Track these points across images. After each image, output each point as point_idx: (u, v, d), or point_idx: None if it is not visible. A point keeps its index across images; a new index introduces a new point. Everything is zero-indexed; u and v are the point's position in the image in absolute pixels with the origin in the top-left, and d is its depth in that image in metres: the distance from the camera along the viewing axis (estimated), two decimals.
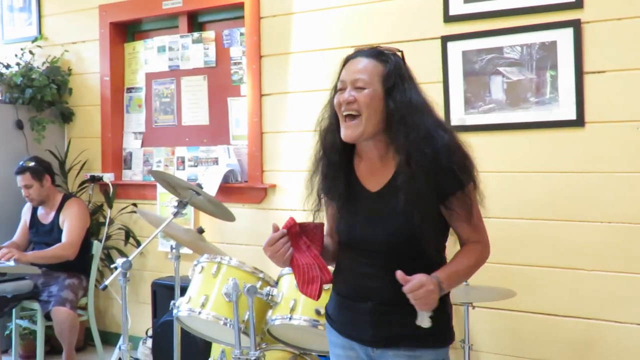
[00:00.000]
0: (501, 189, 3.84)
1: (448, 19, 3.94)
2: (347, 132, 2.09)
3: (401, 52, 2.17)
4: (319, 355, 3.24)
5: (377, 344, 2.09)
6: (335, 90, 2.15)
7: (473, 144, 3.85)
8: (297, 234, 2.12)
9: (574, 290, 3.65)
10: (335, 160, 2.17)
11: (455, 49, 3.92)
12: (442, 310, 2.05)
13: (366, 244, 2.08)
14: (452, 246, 2.17)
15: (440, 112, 2.30)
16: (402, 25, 4.10)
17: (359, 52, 2.15)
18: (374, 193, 2.11)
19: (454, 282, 2.03)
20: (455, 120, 3.93)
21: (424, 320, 1.97)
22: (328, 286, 2.23)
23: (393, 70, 2.09)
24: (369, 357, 2.14)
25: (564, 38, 3.62)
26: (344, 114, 2.09)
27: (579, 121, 3.60)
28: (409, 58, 3.86)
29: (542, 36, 3.68)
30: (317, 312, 2.87)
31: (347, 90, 2.08)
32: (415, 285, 1.90)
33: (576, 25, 3.58)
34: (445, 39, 3.95)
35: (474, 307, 3.20)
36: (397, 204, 2.01)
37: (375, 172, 2.13)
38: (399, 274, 1.92)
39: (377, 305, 2.07)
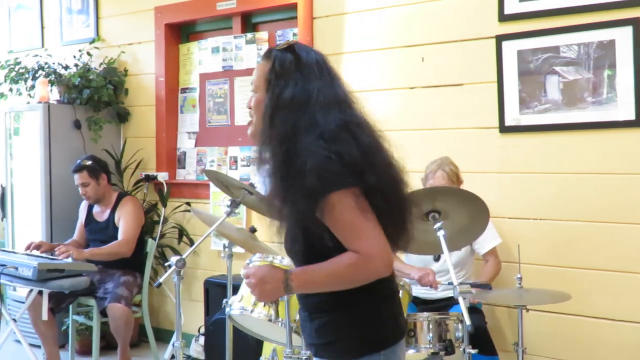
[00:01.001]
0: (556, 190, 3.78)
1: (503, 18, 3.89)
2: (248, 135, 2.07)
3: (294, 43, 2.02)
4: None
5: (309, 349, 2.12)
6: None
7: (528, 144, 3.82)
8: None
9: (630, 294, 3.57)
10: None
11: (510, 49, 3.86)
12: (335, 319, 1.94)
13: (287, 253, 2.05)
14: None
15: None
16: (456, 24, 4.06)
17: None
18: None
19: (309, 284, 1.90)
20: (509, 121, 3.88)
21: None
22: None
23: (272, 67, 1.97)
24: None
25: (622, 36, 3.55)
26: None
27: (638, 121, 3.51)
28: (463, 58, 3.84)
29: (600, 35, 3.61)
30: None
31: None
32: (249, 273, 1.93)
33: (635, 23, 3.50)
34: (500, 39, 3.89)
35: (527, 310, 3.14)
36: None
37: None
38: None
39: (299, 310, 2.10)
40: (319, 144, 1.85)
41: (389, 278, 1.96)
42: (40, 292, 4.21)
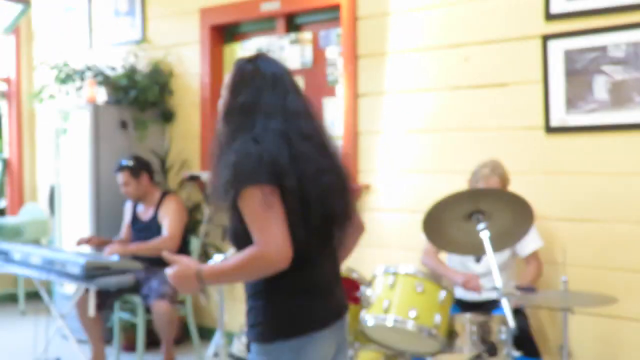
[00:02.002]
0: (602, 192, 3.72)
1: (549, 17, 3.84)
2: None
3: (259, 55, 2.24)
4: (412, 357, 3.22)
5: None
6: None
7: (575, 145, 3.77)
8: None
9: None
10: None
11: (557, 48, 3.82)
12: (258, 306, 2.14)
13: None
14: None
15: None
16: (502, 24, 4.03)
17: None
18: None
19: (217, 278, 2.14)
20: (556, 121, 3.84)
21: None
22: None
23: (234, 76, 2.21)
24: None
25: None
26: None
27: None
28: (508, 57, 3.81)
29: None
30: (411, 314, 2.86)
31: None
32: (171, 275, 2.11)
33: None
34: (546, 38, 3.85)
35: (573, 313, 3.10)
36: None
37: None
38: (164, 253, 2.18)
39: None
40: (247, 144, 2.06)
41: (313, 273, 2.15)
42: (87, 289, 4.29)
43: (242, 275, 2.10)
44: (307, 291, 2.15)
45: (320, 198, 2.10)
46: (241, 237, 2.10)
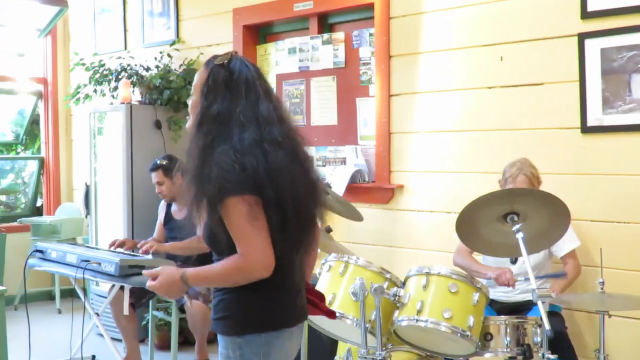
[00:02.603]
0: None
1: (586, 15, 3.79)
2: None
3: (231, 58, 2.27)
4: (445, 358, 3.20)
5: None
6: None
7: (612, 145, 3.71)
8: None
9: None
10: None
11: (593, 47, 3.76)
12: (230, 301, 2.21)
13: None
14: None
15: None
16: (537, 22, 3.98)
17: None
18: None
19: (201, 282, 2.29)
20: (592, 121, 3.78)
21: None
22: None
23: (207, 80, 2.24)
24: None
25: None
26: None
27: None
28: (544, 56, 3.77)
29: None
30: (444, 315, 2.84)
31: None
32: (154, 274, 2.24)
33: None
34: (582, 36, 3.80)
35: (610, 316, 3.05)
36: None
37: None
38: (144, 271, 2.29)
39: None
40: (228, 155, 2.10)
41: (284, 273, 2.22)
42: (121, 288, 4.32)
43: (224, 282, 2.19)
44: (279, 289, 2.23)
45: (295, 207, 2.17)
46: (219, 241, 2.17)
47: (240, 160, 2.10)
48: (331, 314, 2.56)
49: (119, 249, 4.64)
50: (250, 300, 2.20)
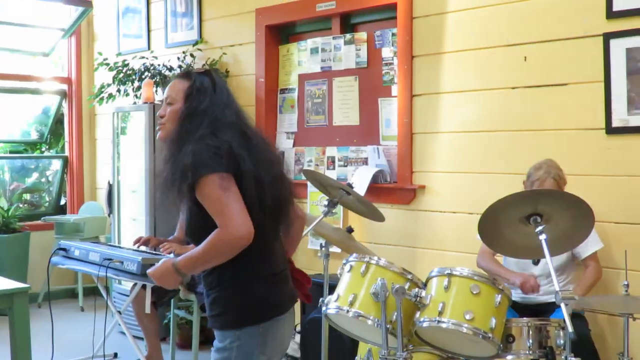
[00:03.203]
0: None
1: (611, 15, 3.75)
2: (159, 135, 2.54)
3: (209, 69, 2.66)
4: None
5: None
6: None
7: (637, 146, 3.67)
8: None
9: None
10: None
11: (619, 47, 3.72)
12: (222, 295, 2.35)
13: None
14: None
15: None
16: (561, 22, 3.95)
17: (175, 76, 2.64)
18: None
19: (192, 264, 2.31)
20: (617, 122, 3.74)
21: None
22: None
23: (193, 84, 2.44)
24: None
25: None
26: (158, 124, 2.52)
27: None
28: (568, 56, 3.74)
29: None
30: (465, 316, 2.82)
31: (163, 106, 2.51)
32: (150, 271, 2.35)
33: None
34: (607, 36, 3.76)
35: (634, 319, 3.02)
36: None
37: None
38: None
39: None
40: (205, 137, 2.29)
41: (271, 261, 2.41)
42: (144, 286, 4.35)
43: (212, 258, 2.27)
44: (267, 279, 2.39)
45: (272, 182, 2.36)
46: (199, 230, 2.29)
47: (215, 142, 2.29)
48: (308, 298, 2.76)
49: (142, 247, 4.66)
50: (244, 294, 2.34)
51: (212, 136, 2.31)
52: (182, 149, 2.31)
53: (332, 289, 3.33)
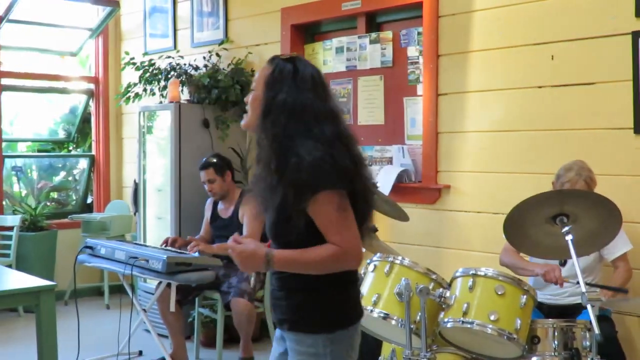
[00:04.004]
0: None
1: None
2: (241, 123, 2.40)
3: (295, 56, 2.33)
4: None
5: (277, 325, 2.37)
6: None
7: None
8: None
9: None
10: None
11: None
12: (313, 297, 2.25)
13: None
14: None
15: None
16: (589, 20, 3.91)
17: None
18: None
19: (288, 265, 2.22)
20: None
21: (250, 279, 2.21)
22: None
23: (272, 72, 2.27)
24: (283, 338, 2.39)
25: None
26: None
27: None
28: (596, 55, 3.70)
29: None
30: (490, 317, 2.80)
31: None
32: (238, 247, 2.24)
33: None
34: (636, 35, 3.71)
35: None
36: (269, 203, 2.25)
37: None
38: (234, 236, 2.27)
39: (272, 291, 2.37)
40: (316, 147, 2.16)
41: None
42: (168, 285, 4.37)
43: (313, 270, 2.21)
44: (355, 283, 2.35)
45: (371, 198, 2.33)
46: (290, 231, 2.19)
47: (329, 152, 2.16)
48: None
49: (170, 248, 4.69)
50: (338, 297, 2.29)
51: (322, 146, 2.17)
52: (284, 151, 2.18)
53: None
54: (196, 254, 4.43)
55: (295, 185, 2.14)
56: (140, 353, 5.13)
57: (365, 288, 3.12)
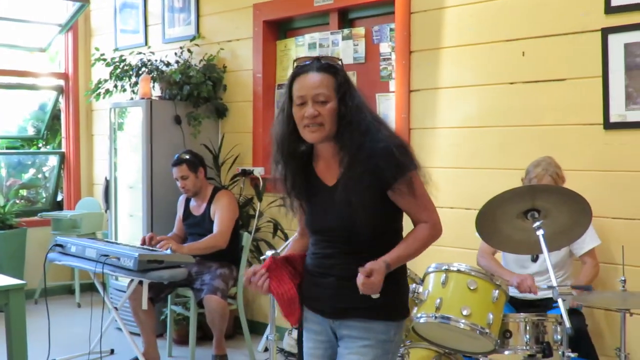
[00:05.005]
0: None
1: (609, 10, 3.74)
2: (311, 136, 2.31)
3: (340, 60, 2.39)
4: (464, 356, 3.18)
5: (335, 315, 2.37)
6: (291, 103, 2.34)
7: (635, 142, 3.66)
8: (277, 268, 2.44)
9: None
10: (297, 163, 2.41)
11: (617, 42, 3.71)
12: (392, 287, 2.30)
13: (326, 230, 2.38)
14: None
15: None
16: (560, 17, 3.94)
17: (308, 67, 2.32)
18: (329, 186, 2.38)
19: (401, 262, 2.33)
20: (615, 117, 3.74)
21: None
22: None
23: (341, 81, 2.31)
24: (331, 329, 2.41)
25: None
26: (309, 125, 2.29)
27: None
28: (566, 52, 3.74)
29: None
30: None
31: (309, 105, 2.28)
32: (365, 277, 2.18)
33: None
34: (605, 31, 3.75)
35: (631, 315, 3.01)
36: (349, 194, 2.27)
37: (330, 168, 2.39)
38: (360, 270, 2.19)
39: (336, 281, 2.35)
40: (392, 134, 2.31)
41: None
42: (140, 282, 4.34)
43: (418, 253, 2.36)
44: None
45: None
46: (379, 215, 2.29)
47: (400, 139, 2.34)
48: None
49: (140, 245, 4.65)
50: (404, 287, 2.45)
51: (390, 133, 2.32)
52: (366, 144, 2.26)
53: None
54: (168, 251, 4.39)
55: (388, 167, 2.23)
56: (112, 352, 5.09)
57: None
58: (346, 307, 2.32)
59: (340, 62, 2.36)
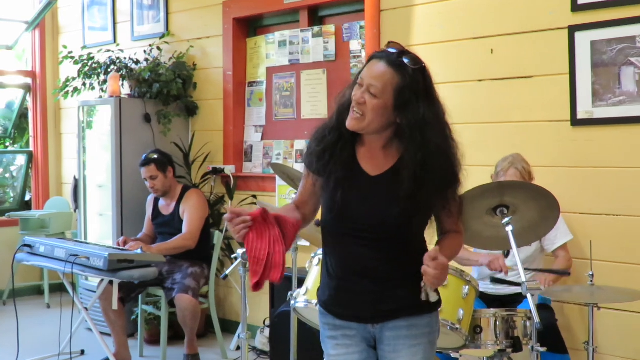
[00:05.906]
0: (630, 185, 3.66)
1: (576, 8, 3.79)
2: (350, 123, 2.20)
3: (424, 65, 2.26)
4: (437, 353, 3.19)
5: (377, 319, 2.25)
6: (356, 80, 2.22)
7: (602, 138, 3.71)
8: (263, 222, 2.21)
9: None
10: (344, 137, 2.26)
11: (584, 39, 3.76)
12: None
13: (359, 223, 2.21)
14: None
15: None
16: (528, 15, 3.98)
17: (385, 55, 2.19)
18: (372, 177, 2.24)
19: (450, 258, 2.29)
20: (582, 114, 3.78)
21: (430, 295, 2.16)
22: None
23: (408, 85, 2.18)
24: (369, 334, 2.28)
25: None
26: (354, 109, 2.19)
27: None
28: (534, 49, 3.77)
29: None
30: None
31: (362, 89, 2.17)
32: (434, 264, 2.09)
33: None
34: (572, 29, 3.79)
35: (599, 309, 3.05)
36: (397, 190, 2.17)
37: (375, 159, 2.26)
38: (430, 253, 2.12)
39: (375, 283, 2.22)
40: (456, 150, 2.36)
41: None
42: (110, 282, 4.31)
43: (453, 257, 2.34)
44: None
45: None
46: (413, 227, 2.24)
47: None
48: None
49: (109, 243, 4.61)
50: None
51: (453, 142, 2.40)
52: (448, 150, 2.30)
53: (301, 282, 3.32)
54: (139, 251, 4.37)
55: (453, 170, 2.30)
56: (83, 352, 5.04)
57: (310, 282, 3.12)
58: (389, 309, 2.23)
59: (418, 66, 2.22)
